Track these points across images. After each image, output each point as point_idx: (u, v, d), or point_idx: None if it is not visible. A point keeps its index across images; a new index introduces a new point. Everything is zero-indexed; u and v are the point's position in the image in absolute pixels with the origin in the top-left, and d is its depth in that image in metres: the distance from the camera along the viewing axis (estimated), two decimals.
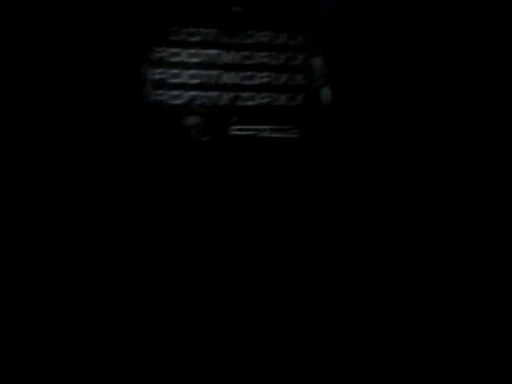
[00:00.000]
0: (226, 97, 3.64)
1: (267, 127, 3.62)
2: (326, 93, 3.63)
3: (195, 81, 3.62)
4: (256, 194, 3.42)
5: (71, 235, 3.02)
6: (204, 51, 3.64)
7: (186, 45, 3.62)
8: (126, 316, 2.82)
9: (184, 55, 3.62)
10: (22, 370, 2.43)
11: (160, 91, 3.55)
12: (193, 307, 2.93)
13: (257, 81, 3.66)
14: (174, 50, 3.61)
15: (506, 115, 3.39)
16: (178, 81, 3.61)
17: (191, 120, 3.49)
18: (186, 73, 3.62)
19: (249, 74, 3.65)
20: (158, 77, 3.56)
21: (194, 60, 3.63)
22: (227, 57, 3.64)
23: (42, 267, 2.87)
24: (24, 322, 2.62)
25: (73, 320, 2.73)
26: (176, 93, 3.59)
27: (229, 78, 3.65)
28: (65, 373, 2.52)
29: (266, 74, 3.66)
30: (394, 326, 2.97)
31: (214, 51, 3.64)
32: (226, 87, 3.64)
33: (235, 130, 3.58)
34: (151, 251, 3.08)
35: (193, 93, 3.60)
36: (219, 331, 2.85)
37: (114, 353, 2.68)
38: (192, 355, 2.74)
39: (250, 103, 3.66)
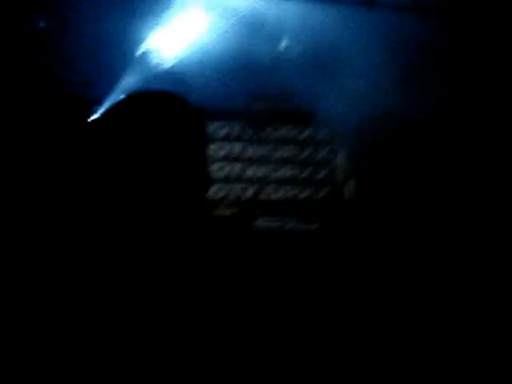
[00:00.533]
0: (251, 190, 3.68)
1: (292, 219, 3.65)
2: (349, 187, 3.70)
3: (221, 174, 3.67)
4: (280, 286, 3.41)
5: None
6: (230, 145, 3.71)
7: (212, 139, 3.69)
8: None
9: (210, 149, 3.69)
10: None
11: None
12: None
13: (281, 174, 3.72)
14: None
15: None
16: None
17: (223, 211, 3.51)
18: (212, 166, 3.67)
19: (273, 167, 3.71)
20: None
21: (220, 154, 3.70)
22: (252, 151, 3.72)
23: None
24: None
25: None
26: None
27: (254, 171, 3.70)
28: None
29: (290, 167, 3.73)
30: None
31: (240, 145, 3.71)
32: (252, 180, 3.69)
33: (261, 222, 3.59)
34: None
35: (219, 186, 3.64)
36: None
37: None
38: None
39: (274, 196, 3.70)
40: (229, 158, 3.68)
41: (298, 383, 2.70)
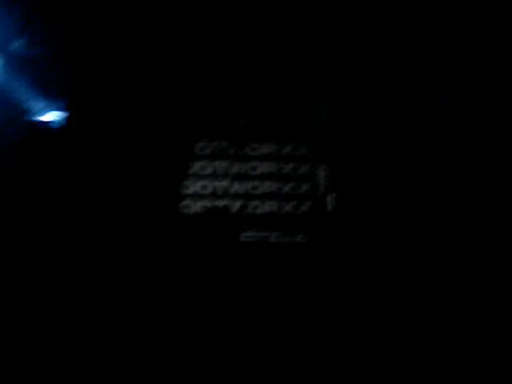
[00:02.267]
0: (236, 205, 3.84)
1: (276, 233, 3.81)
2: (331, 200, 3.87)
3: (207, 191, 3.83)
4: (265, 296, 3.55)
5: None
6: (214, 163, 3.88)
7: (198, 157, 3.86)
8: None
9: (196, 167, 3.86)
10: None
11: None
12: None
13: (264, 189, 3.88)
14: (188, 162, 3.84)
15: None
16: (190, 191, 3.82)
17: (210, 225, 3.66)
18: (198, 184, 3.84)
19: (256, 183, 3.88)
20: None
21: (206, 171, 3.86)
22: (236, 167, 3.89)
23: None
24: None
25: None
26: (189, 202, 3.79)
27: (238, 187, 3.86)
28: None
29: (272, 183, 3.90)
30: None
31: (224, 162, 3.88)
32: (236, 196, 3.86)
33: (247, 235, 3.75)
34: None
35: (206, 201, 3.79)
36: None
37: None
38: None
39: (259, 211, 3.85)
40: (215, 175, 3.85)
41: None
